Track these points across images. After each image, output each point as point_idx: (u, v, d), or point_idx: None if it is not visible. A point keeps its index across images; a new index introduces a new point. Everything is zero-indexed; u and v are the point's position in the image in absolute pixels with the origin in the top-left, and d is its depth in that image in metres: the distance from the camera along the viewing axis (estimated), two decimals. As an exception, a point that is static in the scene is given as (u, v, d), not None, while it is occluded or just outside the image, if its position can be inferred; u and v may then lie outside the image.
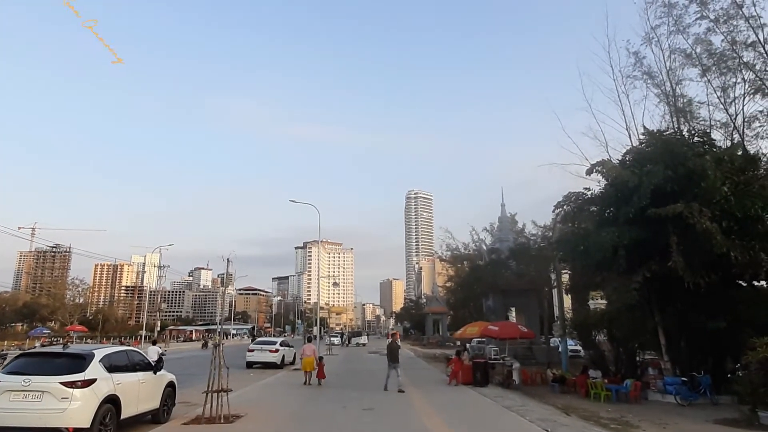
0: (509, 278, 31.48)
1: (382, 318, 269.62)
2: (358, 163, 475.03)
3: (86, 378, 9.14)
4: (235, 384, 14.70)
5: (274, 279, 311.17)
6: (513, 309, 36.41)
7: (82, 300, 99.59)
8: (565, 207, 19.41)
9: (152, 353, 25.79)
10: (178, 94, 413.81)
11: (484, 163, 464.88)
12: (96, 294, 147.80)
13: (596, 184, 19.30)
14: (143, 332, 72.27)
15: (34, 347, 38.11)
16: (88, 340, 61.77)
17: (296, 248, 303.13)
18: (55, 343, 51.31)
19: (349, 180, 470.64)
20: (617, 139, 44.60)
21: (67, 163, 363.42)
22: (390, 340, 19.82)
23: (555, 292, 32.51)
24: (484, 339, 30.80)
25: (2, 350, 31.44)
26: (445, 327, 66.10)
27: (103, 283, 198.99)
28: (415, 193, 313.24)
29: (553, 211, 20.14)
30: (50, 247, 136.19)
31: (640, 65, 23.66)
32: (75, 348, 10.15)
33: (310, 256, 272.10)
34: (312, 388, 18.13)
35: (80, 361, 9.44)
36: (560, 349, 24.94)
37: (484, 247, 49.14)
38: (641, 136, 19.63)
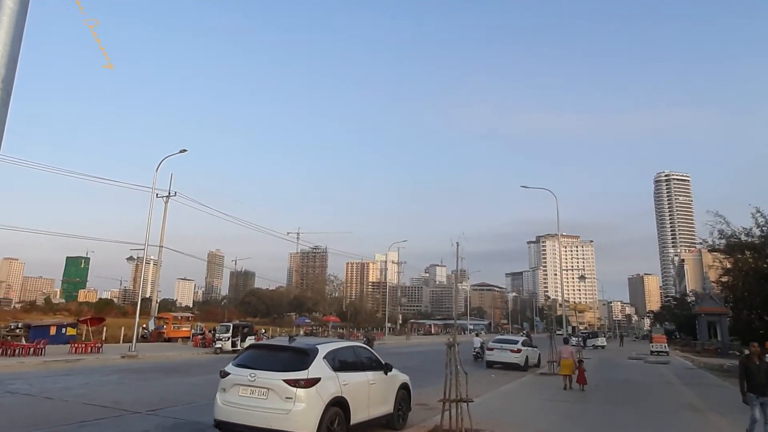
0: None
1: (634, 317, 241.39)
2: (593, 149, 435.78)
3: (310, 377, 7.96)
4: (475, 388, 12.51)
5: (507, 275, 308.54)
6: None
7: (337, 294, 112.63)
8: None
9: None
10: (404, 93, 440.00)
11: (757, 134, 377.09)
12: (348, 289, 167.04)
13: None
14: (387, 324, 77.59)
15: (299, 335, 42.85)
16: (340, 330, 68.56)
17: (528, 243, 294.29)
18: (315, 331, 58.06)
19: (583, 168, 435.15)
20: None
21: (325, 172, 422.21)
22: (748, 352, 10.77)
23: None
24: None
25: (270, 337, 35.71)
26: (725, 331, 53.64)
27: (354, 280, 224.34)
28: (666, 175, 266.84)
29: None
30: (311, 248, 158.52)
31: None
32: (299, 342, 9.17)
33: (544, 250, 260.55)
34: (570, 402, 14.76)
35: (303, 357, 8.33)
36: None
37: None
38: None
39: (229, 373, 8.34)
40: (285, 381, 7.85)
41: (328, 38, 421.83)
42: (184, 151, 30.83)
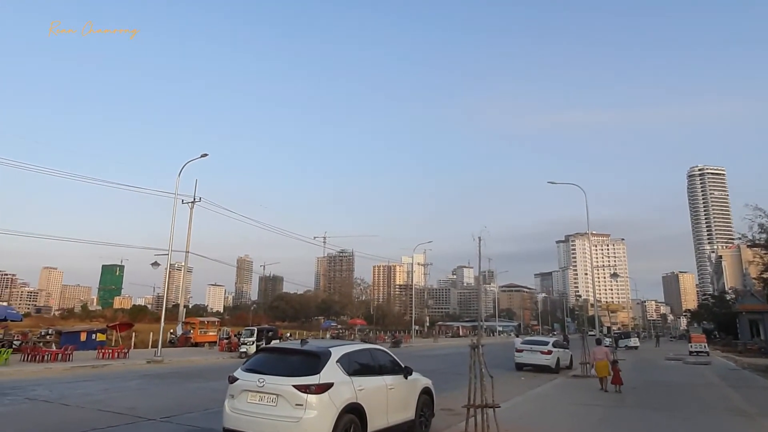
0: None
1: (670, 317, 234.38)
2: (621, 145, 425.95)
3: (321, 382, 7.41)
4: (503, 391, 11.82)
5: (536, 275, 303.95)
6: None
7: (364, 297, 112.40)
8: None
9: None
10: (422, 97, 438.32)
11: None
12: (375, 292, 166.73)
13: None
14: (415, 327, 76.83)
15: (325, 338, 42.54)
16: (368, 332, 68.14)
17: (557, 242, 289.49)
18: (341, 334, 57.73)
19: (612, 165, 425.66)
20: None
21: (348, 175, 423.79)
22: None
23: None
24: None
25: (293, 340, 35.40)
26: (768, 330, 51.20)
27: (381, 282, 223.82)
28: (699, 169, 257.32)
29: None
30: (338, 252, 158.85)
31: None
32: (311, 344, 8.62)
33: (573, 249, 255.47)
34: (605, 406, 13.84)
35: (314, 361, 7.78)
36: None
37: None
38: None
39: (237, 379, 7.88)
40: (295, 386, 7.32)
41: (347, 44, 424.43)
42: (206, 155, 30.87)
